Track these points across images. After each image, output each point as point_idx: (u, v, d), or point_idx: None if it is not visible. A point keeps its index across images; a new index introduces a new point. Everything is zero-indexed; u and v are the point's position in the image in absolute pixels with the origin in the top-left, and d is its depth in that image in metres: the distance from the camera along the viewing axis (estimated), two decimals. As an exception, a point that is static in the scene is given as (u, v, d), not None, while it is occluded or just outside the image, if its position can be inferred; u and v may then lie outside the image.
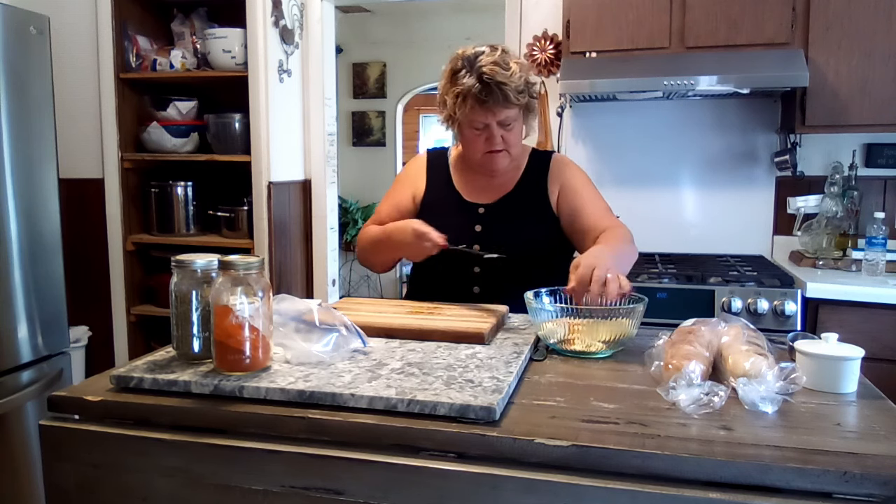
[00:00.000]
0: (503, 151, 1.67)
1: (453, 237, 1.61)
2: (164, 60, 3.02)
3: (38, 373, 2.43)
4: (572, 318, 1.27)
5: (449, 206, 1.77)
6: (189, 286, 1.14)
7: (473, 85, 1.57)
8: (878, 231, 2.40)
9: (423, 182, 1.82)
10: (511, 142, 1.67)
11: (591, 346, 1.27)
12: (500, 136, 1.64)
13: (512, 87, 1.57)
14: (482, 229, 1.72)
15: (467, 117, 1.62)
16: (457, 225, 1.72)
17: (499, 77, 1.56)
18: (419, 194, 1.81)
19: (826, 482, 0.82)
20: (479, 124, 1.63)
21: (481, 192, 1.77)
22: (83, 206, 3.11)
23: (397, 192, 1.85)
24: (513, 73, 1.59)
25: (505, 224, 1.72)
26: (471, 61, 1.59)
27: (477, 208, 1.75)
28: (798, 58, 2.45)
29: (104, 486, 1.05)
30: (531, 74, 1.69)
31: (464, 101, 1.59)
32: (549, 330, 1.29)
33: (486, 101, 1.57)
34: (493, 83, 1.56)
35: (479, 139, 1.66)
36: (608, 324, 1.25)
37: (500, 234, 1.70)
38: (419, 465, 0.92)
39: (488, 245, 1.67)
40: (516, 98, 1.59)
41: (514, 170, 1.77)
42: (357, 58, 6.19)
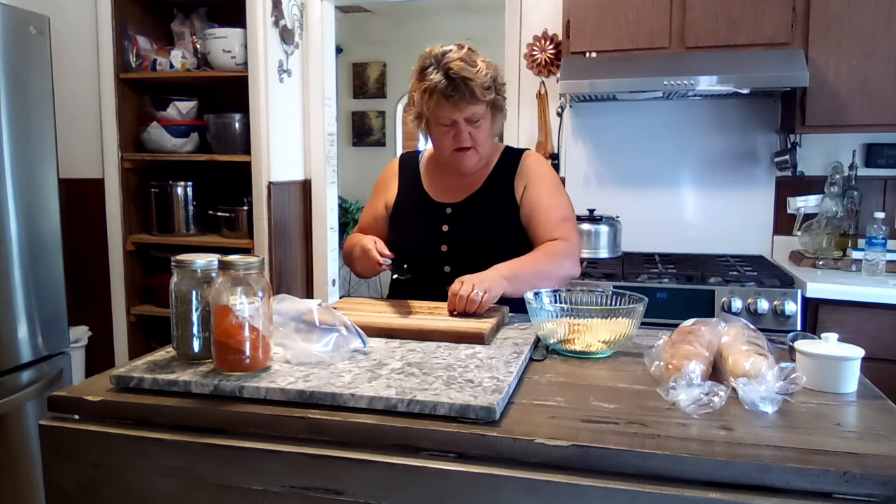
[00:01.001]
0: (471, 149, 1.69)
1: (421, 238, 1.68)
2: (164, 60, 3.02)
3: (38, 373, 2.43)
4: (572, 318, 1.28)
5: (417, 207, 1.79)
6: (189, 286, 1.14)
7: (440, 81, 1.60)
8: (878, 231, 2.40)
9: (395, 186, 1.85)
10: (479, 139, 1.68)
11: (591, 346, 1.27)
12: (468, 132, 1.66)
13: (477, 82, 1.60)
14: (449, 228, 1.73)
15: (434, 113, 1.65)
16: (424, 226, 1.75)
17: (464, 73, 1.59)
18: (391, 199, 1.85)
19: (826, 482, 0.82)
20: (446, 120, 1.65)
21: (449, 192, 1.78)
22: (83, 206, 3.10)
23: (373, 200, 1.90)
24: (479, 70, 1.61)
25: (471, 223, 1.73)
26: (438, 59, 1.63)
27: (444, 208, 1.76)
28: (798, 58, 2.44)
29: (104, 486, 1.05)
30: (500, 74, 1.70)
31: (430, 96, 1.62)
32: (549, 330, 1.29)
33: (452, 97, 1.60)
34: (458, 78, 1.59)
35: (447, 136, 1.68)
36: (608, 324, 1.25)
37: (466, 233, 1.72)
38: (419, 465, 0.92)
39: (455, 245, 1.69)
40: (482, 94, 1.61)
41: (484, 168, 1.78)
42: (357, 58, 6.19)
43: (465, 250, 1.68)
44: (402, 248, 1.75)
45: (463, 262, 1.68)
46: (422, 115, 1.69)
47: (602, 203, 2.96)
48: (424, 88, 1.63)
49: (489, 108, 1.67)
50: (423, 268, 1.70)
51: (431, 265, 1.71)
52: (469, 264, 1.65)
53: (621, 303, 1.32)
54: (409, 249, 1.74)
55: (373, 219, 1.88)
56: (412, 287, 1.70)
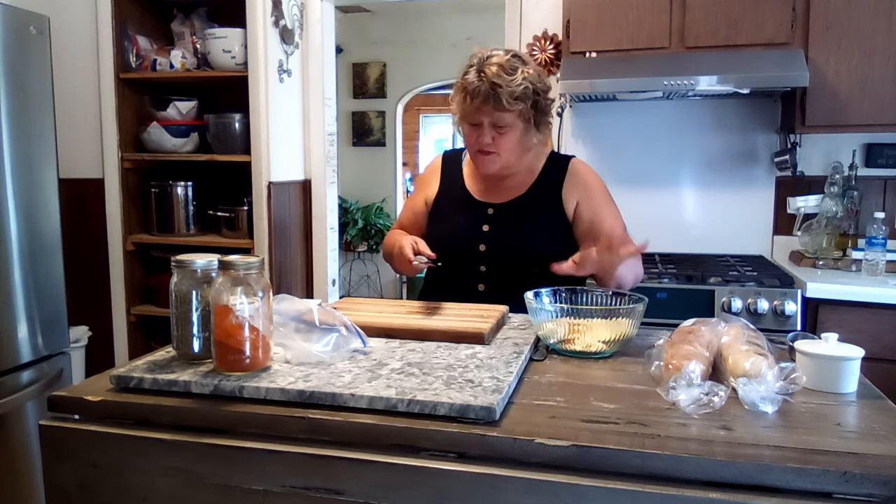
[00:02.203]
0: (493, 154, 1.67)
1: (461, 235, 1.67)
2: (164, 60, 3.02)
3: (38, 373, 2.43)
4: (572, 318, 1.28)
5: (458, 205, 1.79)
6: (189, 286, 1.14)
7: (471, 81, 1.61)
8: (878, 231, 2.40)
9: (437, 183, 1.85)
10: (503, 146, 1.66)
11: (591, 346, 1.27)
12: (491, 137, 1.64)
13: (506, 91, 1.58)
14: (489, 229, 1.73)
15: (462, 112, 1.66)
16: (464, 223, 1.74)
17: (495, 79, 1.58)
18: (431, 196, 1.85)
19: (826, 482, 0.82)
20: (471, 120, 1.66)
21: (493, 193, 1.77)
22: (83, 206, 3.10)
23: (414, 196, 1.91)
24: (514, 79, 1.59)
25: (513, 226, 1.72)
26: (481, 60, 1.63)
27: (486, 208, 1.76)
28: (798, 58, 2.44)
29: (104, 486, 1.05)
30: (544, 87, 1.66)
31: (460, 94, 1.64)
32: (549, 330, 1.29)
33: (476, 98, 1.60)
34: (487, 83, 1.59)
35: (471, 136, 1.68)
36: (608, 324, 1.25)
37: (507, 235, 1.71)
38: (419, 465, 0.92)
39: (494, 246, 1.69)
40: (508, 103, 1.59)
41: (529, 173, 1.77)
42: (357, 58, 6.19)
43: (504, 252, 1.68)
44: (440, 244, 1.74)
45: (500, 263, 1.69)
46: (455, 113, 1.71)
47: (602, 203, 2.96)
48: (458, 85, 1.65)
49: (520, 118, 1.64)
50: (459, 265, 1.70)
51: (467, 263, 1.71)
52: (506, 266, 1.67)
53: (621, 303, 1.32)
54: (447, 246, 1.73)
55: (412, 214, 1.87)
56: (445, 285, 1.71)
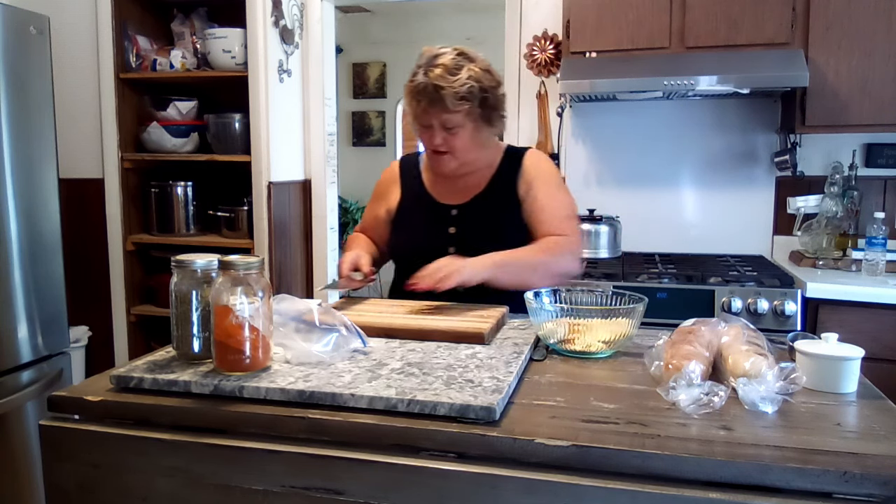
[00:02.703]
0: (448, 154, 1.68)
1: (429, 240, 1.68)
2: (164, 60, 3.02)
3: (38, 373, 2.43)
4: (572, 318, 1.28)
5: (422, 210, 1.79)
6: (189, 286, 1.14)
7: (417, 84, 1.62)
8: (878, 231, 2.40)
9: (398, 190, 1.85)
10: (455, 146, 1.66)
11: (591, 346, 1.27)
12: (442, 137, 1.65)
13: (450, 92, 1.58)
14: (456, 231, 1.73)
15: (412, 115, 1.68)
16: (430, 228, 1.75)
17: (439, 81, 1.58)
18: (393, 204, 1.84)
19: (826, 482, 0.82)
20: (421, 122, 1.67)
21: (453, 194, 1.77)
22: (83, 206, 3.10)
23: (373, 203, 1.91)
24: (458, 79, 1.59)
25: (478, 225, 1.73)
26: (427, 61, 1.63)
27: (450, 210, 1.76)
28: (798, 58, 2.44)
29: (104, 486, 1.05)
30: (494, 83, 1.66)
31: (408, 98, 1.66)
32: (549, 330, 1.29)
33: (422, 101, 1.62)
34: (431, 86, 1.59)
35: (424, 138, 1.70)
36: (608, 324, 1.25)
37: (474, 235, 1.71)
38: (419, 465, 0.92)
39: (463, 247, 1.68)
40: (453, 104, 1.59)
41: (487, 169, 1.77)
42: (357, 58, 6.19)
43: (473, 251, 1.66)
44: (409, 251, 1.76)
45: None
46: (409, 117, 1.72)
47: (602, 203, 2.96)
48: (406, 88, 1.66)
49: (469, 118, 1.63)
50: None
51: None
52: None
53: (621, 303, 1.32)
54: (417, 252, 1.72)
55: (374, 220, 1.89)
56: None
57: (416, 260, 1.67)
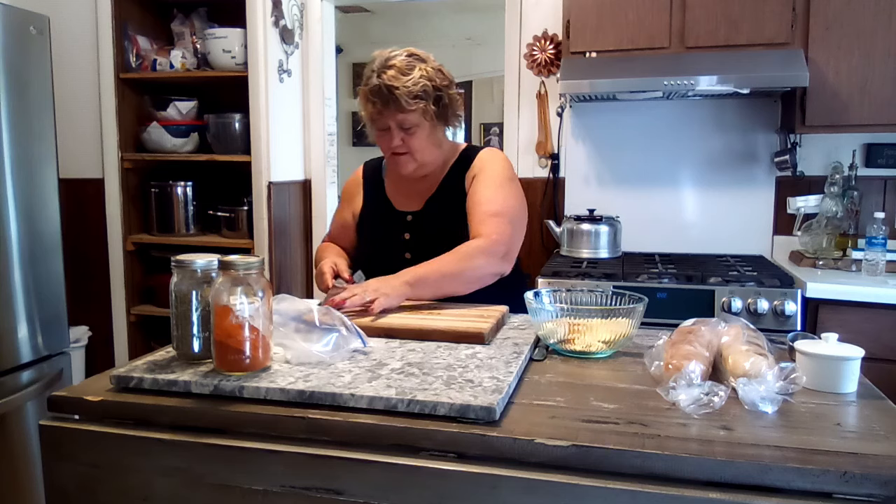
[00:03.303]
0: (407, 154, 1.68)
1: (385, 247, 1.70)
2: (164, 60, 3.02)
3: (38, 373, 2.43)
4: (572, 318, 1.28)
5: (381, 216, 1.81)
6: (189, 286, 1.14)
7: (371, 87, 1.62)
8: (878, 231, 2.40)
9: (361, 196, 1.86)
10: (413, 146, 1.66)
11: (591, 346, 1.27)
12: (400, 138, 1.65)
13: (403, 92, 1.58)
14: (410, 236, 1.75)
15: (368, 118, 1.68)
16: (387, 235, 1.76)
17: (392, 82, 1.59)
18: (357, 209, 1.85)
19: (826, 482, 0.82)
20: (378, 125, 1.67)
21: (410, 199, 1.78)
22: (83, 206, 3.11)
23: (340, 210, 1.92)
24: (410, 78, 1.60)
25: (431, 229, 1.73)
26: (379, 64, 1.63)
27: (405, 216, 1.77)
28: (798, 58, 2.44)
29: (104, 486, 1.05)
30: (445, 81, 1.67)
31: (363, 101, 1.65)
32: (549, 330, 1.29)
33: (376, 103, 1.62)
34: (384, 87, 1.59)
35: (382, 140, 1.69)
36: (608, 324, 1.25)
37: (427, 240, 1.71)
38: (419, 465, 0.92)
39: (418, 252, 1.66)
40: (408, 103, 1.59)
41: (440, 171, 1.77)
42: (357, 58, 6.19)
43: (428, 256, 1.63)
44: (368, 257, 1.79)
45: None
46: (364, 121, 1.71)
47: (602, 203, 2.96)
48: (360, 92, 1.66)
49: (424, 117, 1.64)
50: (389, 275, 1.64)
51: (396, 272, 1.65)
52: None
53: (621, 303, 1.32)
54: (374, 259, 1.76)
55: (342, 227, 1.89)
56: None
57: (374, 268, 1.68)
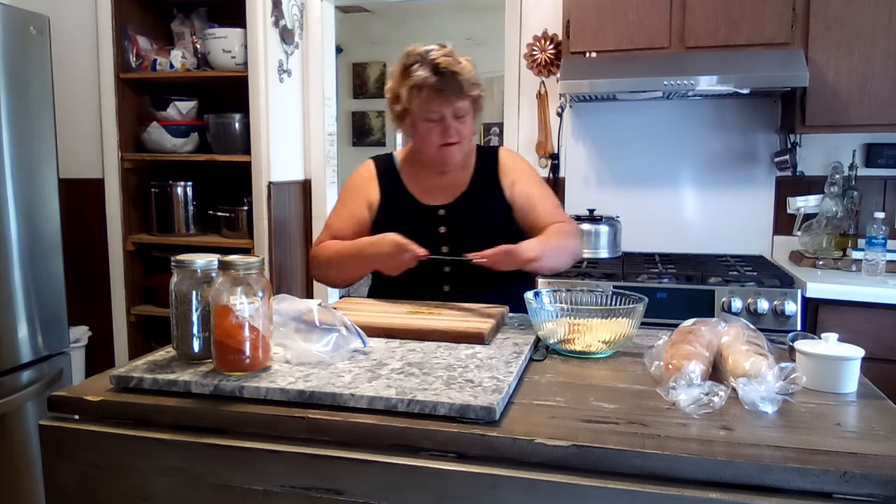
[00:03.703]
0: (457, 144, 1.70)
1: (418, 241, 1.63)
2: (164, 60, 3.02)
3: (38, 373, 2.43)
4: (572, 318, 1.28)
5: (407, 211, 1.78)
6: (189, 286, 1.14)
7: (429, 76, 1.63)
8: (878, 231, 2.40)
9: (377, 190, 1.82)
10: (464, 134, 1.70)
11: (591, 346, 1.27)
12: (455, 127, 1.67)
13: (465, 77, 1.64)
14: (446, 230, 1.75)
15: (423, 109, 1.66)
16: (419, 229, 1.71)
17: (453, 67, 1.63)
18: (374, 203, 1.81)
19: (826, 482, 0.82)
20: (434, 115, 1.66)
21: (437, 194, 1.79)
22: (83, 206, 3.10)
23: (350, 205, 1.83)
24: (464, 66, 1.66)
25: (467, 222, 1.75)
26: (423, 56, 1.65)
27: (436, 210, 1.77)
28: (798, 58, 2.44)
29: (104, 486, 1.05)
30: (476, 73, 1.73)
31: (419, 91, 1.64)
32: (549, 330, 1.29)
33: (443, 91, 1.63)
34: (447, 73, 1.62)
35: (433, 132, 1.68)
36: (608, 324, 1.25)
37: (465, 234, 1.73)
38: (419, 465, 0.92)
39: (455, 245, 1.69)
40: (469, 88, 1.65)
41: (465, 169, 1.80)
42: (357, 58, 6.19)
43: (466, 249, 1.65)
44: None
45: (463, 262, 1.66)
46: (406, 114, 1.70)
47: (602, 203, 2.96)
48: (412, 85, 1.64)
49: (472, 105, 1.70)
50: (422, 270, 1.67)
51: (431, 267, 1.70)
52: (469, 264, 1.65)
53: (621, 303, 1.32)
54: None
55: (353, 222, 1.80)
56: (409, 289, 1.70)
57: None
